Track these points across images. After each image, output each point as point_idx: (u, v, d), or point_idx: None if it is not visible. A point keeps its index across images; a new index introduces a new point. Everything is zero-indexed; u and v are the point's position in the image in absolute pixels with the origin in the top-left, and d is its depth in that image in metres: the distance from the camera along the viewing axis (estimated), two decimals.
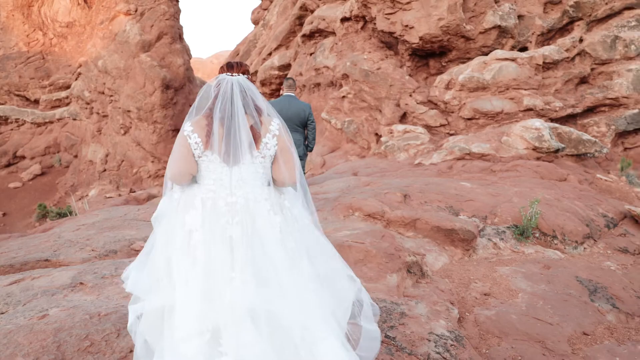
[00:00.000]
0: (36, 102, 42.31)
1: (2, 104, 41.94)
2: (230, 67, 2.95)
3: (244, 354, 2.60)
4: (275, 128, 2.90)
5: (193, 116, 2.89)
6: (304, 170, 8.18)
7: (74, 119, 41.82)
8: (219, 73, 2.97)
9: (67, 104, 42.34)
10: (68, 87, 42.24)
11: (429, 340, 4.00)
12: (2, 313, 3.86)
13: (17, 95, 41.91)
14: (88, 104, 40.41)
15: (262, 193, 2.87)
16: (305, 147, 8.15)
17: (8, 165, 39.33)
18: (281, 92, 8.11)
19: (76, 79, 41.71)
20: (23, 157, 39.77)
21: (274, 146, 2.89)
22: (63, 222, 8.22)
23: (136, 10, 39.52)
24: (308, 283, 2.84)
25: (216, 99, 2.84)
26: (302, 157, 8.10)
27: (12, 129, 41.56)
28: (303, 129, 7.98)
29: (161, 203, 3.04)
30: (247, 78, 2.95)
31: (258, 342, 2.60)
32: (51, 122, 42.11)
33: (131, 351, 3.12)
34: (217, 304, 2.65)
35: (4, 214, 32.45)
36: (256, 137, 2.84)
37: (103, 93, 39.08)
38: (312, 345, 2.69)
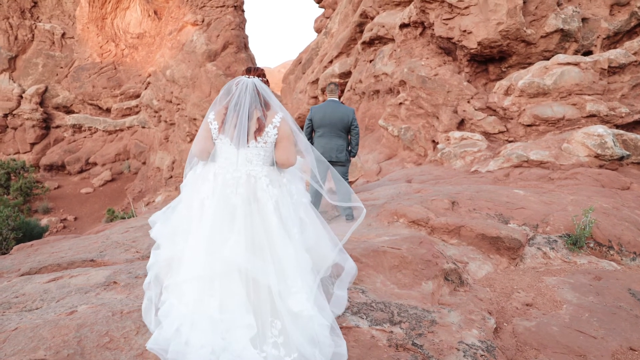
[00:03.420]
0: (108, 110, 44.09)
1: (77, 113, 43.92)
2: (249, 70, 3.73)
3: (226, 299, 3.28)
4: (277, 121, 3.59)
5: (216, 106, 3.65)
6: (347, 177, 8.03)
7: (143, 127, 43.29)
8: (241, 75, 3.70)
9: (137, 113, 43.89)
10: (138, 96, 43.81)
11: (458, 350, 3.90)
12: (37, 308, 4.02)
13: (90, 104, 43.80)
14: (156, 112, 41.73)
15: (262, 171, 3.55)
16: (348, 152, 7.95)
17: (81, 171, 41.11)
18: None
19: (145, 88, 43.21)
20: (95, 164, 41.45)
21: (274, 135, 3.57)
22: (114, 224, 8.46)
23: (203, 21, 40.59)
24: (296, 245, 3.50)
25: (234, 94, 3.56)
26: (345, 163, 7.83)
27: (85, 137, 43.45)
28: (346, 134, 7.78)
29: (188, 175, 3.81)
30: (262, 80, 3.70)
31: (239, 293, 3.27)
32: (121, 130, 43.75)
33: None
34: (215, 258, 3.32)
35: (76, 218, 33.87)
36: (261, 126, 3.53)
37: (170, 102, 40.26)
38: (287, 297, 3.36)
